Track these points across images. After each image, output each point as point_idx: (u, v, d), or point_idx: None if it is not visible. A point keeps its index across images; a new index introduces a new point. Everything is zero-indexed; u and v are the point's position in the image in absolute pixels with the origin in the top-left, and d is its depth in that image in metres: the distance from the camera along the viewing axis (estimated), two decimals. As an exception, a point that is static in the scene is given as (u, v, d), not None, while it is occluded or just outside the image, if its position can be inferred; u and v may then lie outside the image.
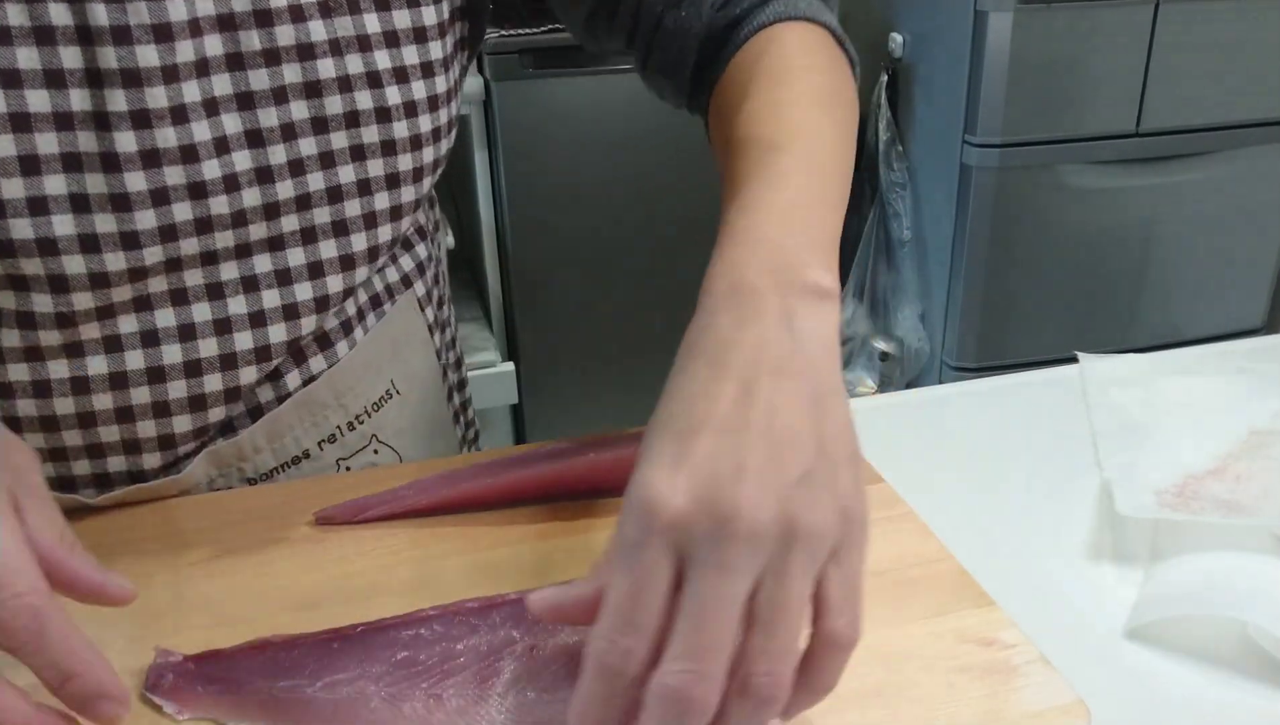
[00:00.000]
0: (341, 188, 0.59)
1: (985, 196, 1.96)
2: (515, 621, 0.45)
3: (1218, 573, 0.53)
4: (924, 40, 2.08)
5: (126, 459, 0.58)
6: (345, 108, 0.57)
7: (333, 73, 0.56)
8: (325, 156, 0.58)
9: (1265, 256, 2.17)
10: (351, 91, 0.57)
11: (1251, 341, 0.84)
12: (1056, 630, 0.50)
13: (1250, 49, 1.94)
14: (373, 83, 0.58)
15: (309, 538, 0.55)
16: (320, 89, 0.56)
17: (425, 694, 0.43)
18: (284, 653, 0.45)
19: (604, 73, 1.95)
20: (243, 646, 0.46)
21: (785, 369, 0.39)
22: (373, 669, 0.44)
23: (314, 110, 0.57)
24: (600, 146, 1.99)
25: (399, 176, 0.61)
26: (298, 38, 0.55)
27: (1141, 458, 0.64)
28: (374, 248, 0.62)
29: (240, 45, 0.54)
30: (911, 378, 2.25)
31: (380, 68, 0.58)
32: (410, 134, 0.60)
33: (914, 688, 0.43)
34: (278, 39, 0.55)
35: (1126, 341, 2.14)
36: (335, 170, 0.58)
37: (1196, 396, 0.72)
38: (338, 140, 0.58)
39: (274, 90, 0.55)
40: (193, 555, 0.53)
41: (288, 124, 0.56)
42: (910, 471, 0.60)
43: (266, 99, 0.55)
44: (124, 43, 0.50)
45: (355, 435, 0.64)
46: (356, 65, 0.57)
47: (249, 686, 0.44)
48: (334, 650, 0.45)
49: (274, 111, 0.55)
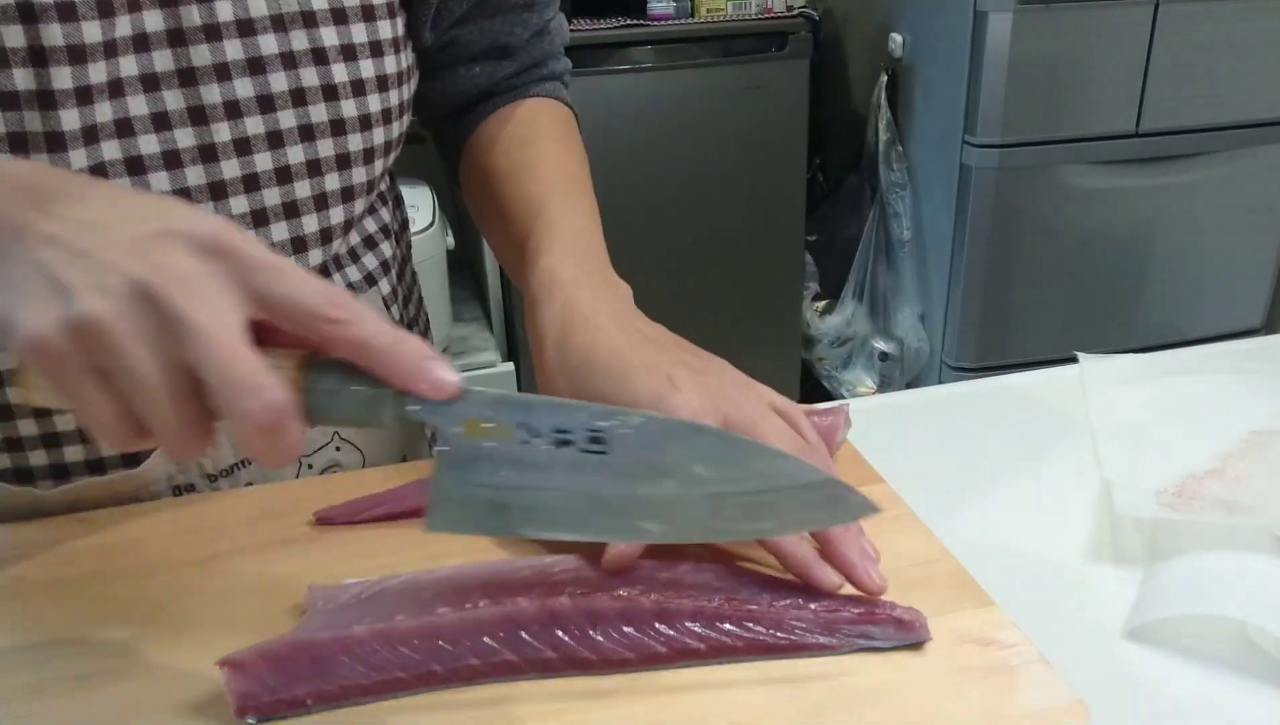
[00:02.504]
0: (290, 168, 0.59)
1: (985, 197, 1.97)
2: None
3: (1218, 573, 0.53)
4: (924, 40, 2.08)
5: (84, 448, 0.58)
6: (290, 85, 0.57)
7: (275, 49, 0.56)
8: (273, 136, 0.58)
9: (1265, 256, 2.18)
10: (296, 68, 0.57)
11: (1251, 341, 0.84)
12: (1056, 630, 0.50)
13: (1250, 49, 1.94)
14: (318, 59, 0.58)
15: (309, 538, 0.55)
16: (264, 65, 0.56)
17: None
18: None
19: (603, 73, 1.95)
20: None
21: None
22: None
23: (259, 87, 0.56)
24: (600, 147, 1.99)
25: (349, 157, 0.61)
26: (236, 13, 0.55)
27: (1141, 458, 0.64)
28: (326, 230, 0.62)
29: (181, 21, 0.54)
30: (911, 378, 2.25)
31: (326, 44, 0.58)
32: (359, 113, 0.60)
33: (914, 687, 0.43)
34: (218, 14, 0.54)
35: (1126, 341, 2.14)
36: (284, 150, 0.58)
37: (1196, 396, 0.72)
38: (285, 119, 0.58)
39: (216, 66, 0.55)
40: (193, 555, 0.53)
41: (231, 101, 0.56)
42: (910, 471, 0.60)
43: (209, 75, 0.55)
44: (69, 19, 0.50)
45: (317, 432, 0.64)
46: (301, 41, 0.57)
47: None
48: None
49: (216, 88, 0.55)
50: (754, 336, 2.23)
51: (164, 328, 0.38)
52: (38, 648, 0.47)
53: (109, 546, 0.54)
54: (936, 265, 2.13)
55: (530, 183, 0.66)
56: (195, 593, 0.50)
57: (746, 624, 0.45)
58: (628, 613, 0.45)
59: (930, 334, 2.19)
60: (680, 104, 2.01)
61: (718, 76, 2.04)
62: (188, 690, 0.44)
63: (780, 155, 2.12)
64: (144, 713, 0.43)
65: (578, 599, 0.45)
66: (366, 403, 0.41)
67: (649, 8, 1.99)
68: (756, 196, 2.12)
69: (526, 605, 0.44)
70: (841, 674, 0.44)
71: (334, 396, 0.41)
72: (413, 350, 0.40)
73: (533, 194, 0.65)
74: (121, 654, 0.46)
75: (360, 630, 0.44)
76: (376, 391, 0.41)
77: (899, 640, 0.45)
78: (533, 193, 0.65)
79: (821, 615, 0.46)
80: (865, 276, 2.27)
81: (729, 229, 2.13)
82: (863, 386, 2.31)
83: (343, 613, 0.46)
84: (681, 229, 2.10)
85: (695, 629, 0.45)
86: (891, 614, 0.46)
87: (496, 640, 0.44)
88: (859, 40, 2.34)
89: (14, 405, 0.56)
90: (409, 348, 0.40)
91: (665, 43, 1.99)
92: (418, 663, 0.43)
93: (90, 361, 0.38)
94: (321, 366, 0.41)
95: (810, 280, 2.38)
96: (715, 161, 2.07)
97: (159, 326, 0.38)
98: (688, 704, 0.43)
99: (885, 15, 2.19)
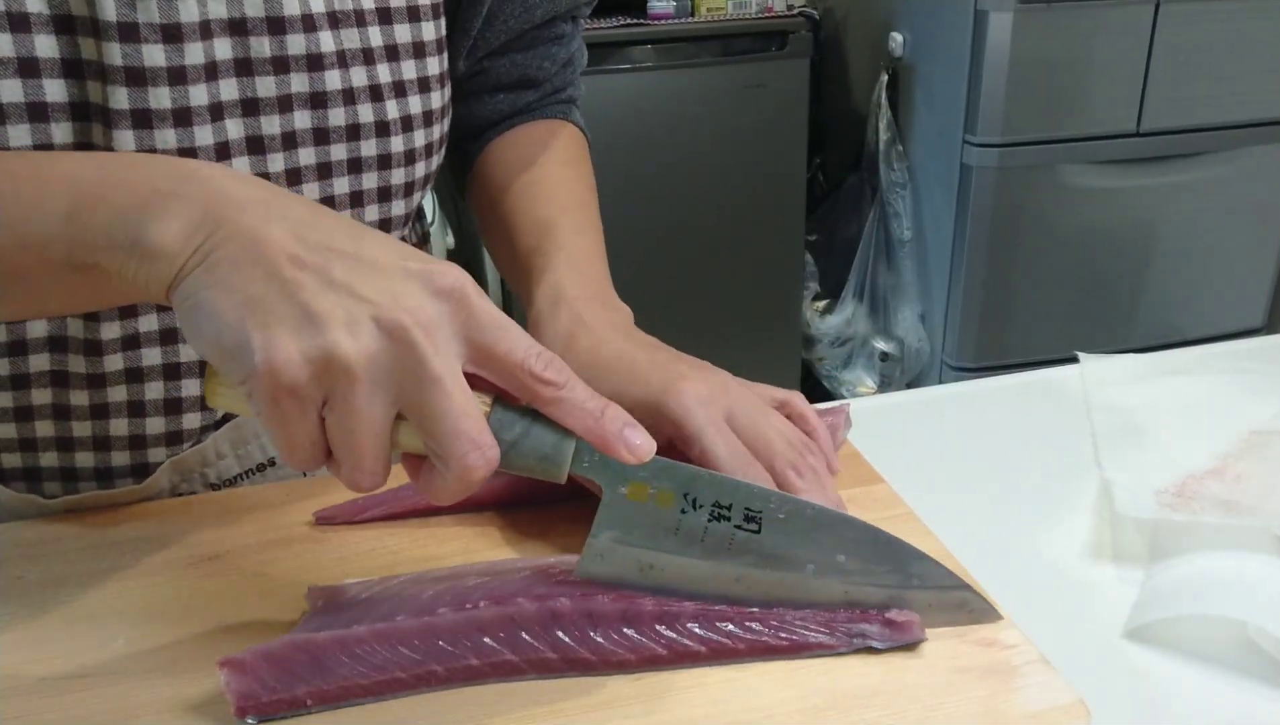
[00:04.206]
0: (335, 199, 0.59)
1: (985, 196, 1.96)
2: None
3: (1218, 573, 0.53)
4: (924, 40, 2.08)
5: (95, 455, 0.58)
6: (348, 120, 0.57)
7: (339, 85, 0.56)
8: (323, 167, 0.58)
9: (1265, 256, 2.17)
10: (355, 104, 0.57)
11: (1251, 341, 0.84)
12: (1056, 630, 0.50)
13: (1250, 49, 1.94)
14: (374, 96, 0.58)
15: (309, 538, 0.55)
16: (325, 100, 0.56)
17: None
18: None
19: (603, 73, 1.95)
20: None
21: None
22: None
23: (317, 121, 0.56)
24: (600, 146, 1.99)
25: (390, 190, 0.61)
26: (308, 47, 0.55)
27: (1141, 458, 0.64)
28: None
29: (250, 51, 0.53)
30: (911, 378, 2.25)
31: (382, 81, 0.58)
32: (405, 148, 0.61)
33: (914, 687, 0.43)
34: (288, 47, 0.54)
35: (1126, 341, 2.14)
36: (330, 181, 0.58)
37: (1196, 396, 0.72)
38: (337, 152, 0.58)
39: (280, 98, 0.55)
40: (193, 555, 0.53)
41: (289, 132, 0.56)
42: (910, 471, 0.60)
43: (271, 106, 0.55)
44: (131, 40, 0.50)
45: None
46: (361, 78, 0.57)
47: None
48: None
49: (277, 120, 0.55)
50: (754, 336, 2.23)
51: (405, 372, 0.38)
52: (38, 647, 0.47)
53: (109, 546, 0.54)
54: (936, 265, 2.13)
55: (539, 204, 0.67)
56: (195, 593, 0.50)
57: (748, 624, 0.45)
58: (628, 614, 0.45)
59: (930, 334, 2.19)
60: (680, 104, 2.01)
61: (718, 76, 2.04)
62: (188, 690, 0.44)
63: (780, 155, 2.12)
64: (144, 713, 0.43)
65: (578, 600, 0.45)
66: (549, 453, 0.43)
67: (649, 7, 1.99)
68: (756, 196, 2.12)
69: (527, 605, 0.44)
70: (842, 674, 0.44)
71: (518, 446, 0.43)
72: (617, 417, 0.43)
73: (540, 215, 0.66)
74: (121, 654, 0.46)
75: (360, 630, 0.43)
76: (560, 441, 0.43)
77: (894, 641, 0.45)
78: (541, 214, 0.66)
79: (819, 614, 0.46)
80: (865, 276, 2.27)
81: (729, 229, 2.13)
82: (863, 386, 2.31)
83: (343, 613, 0.46)
84: (681, 229, 2.10)
85: (696, 630, 0.45)
86: (884, 614, 0.46)
87: (496, 641, 0.44)
88: (859, 40, 2.34)
89: (35, 407, 0.56)
90: (613, 415, 0.42)
91: (665, 42, 1.99)
92: (417, 663, 0.43)
93: (318, 394, 0.38)
94: (507, 409, 0.43)
95: (810, 280, 2.38)
96: (715, 161, 2.07)
97: (401, 370, 0.38)
98: (688, 704, 0.43)
99: (885, 15, 2.19)
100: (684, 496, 0.45)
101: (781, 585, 0.46)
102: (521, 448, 0.42)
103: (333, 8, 0.55)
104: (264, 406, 0.38)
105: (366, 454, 0.40)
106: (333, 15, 0.55)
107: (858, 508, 0.56)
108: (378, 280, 0.39)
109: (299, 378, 0.38)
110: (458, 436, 0.39)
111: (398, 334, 0.38)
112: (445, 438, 0.39)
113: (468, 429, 0.39)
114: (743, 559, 0.46)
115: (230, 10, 0.52)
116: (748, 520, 0.45)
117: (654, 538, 0.45)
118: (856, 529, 0.47)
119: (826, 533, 0.46)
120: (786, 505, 0.46)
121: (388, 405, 0.39)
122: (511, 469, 0.43)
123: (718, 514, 0.45)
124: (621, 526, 0.45)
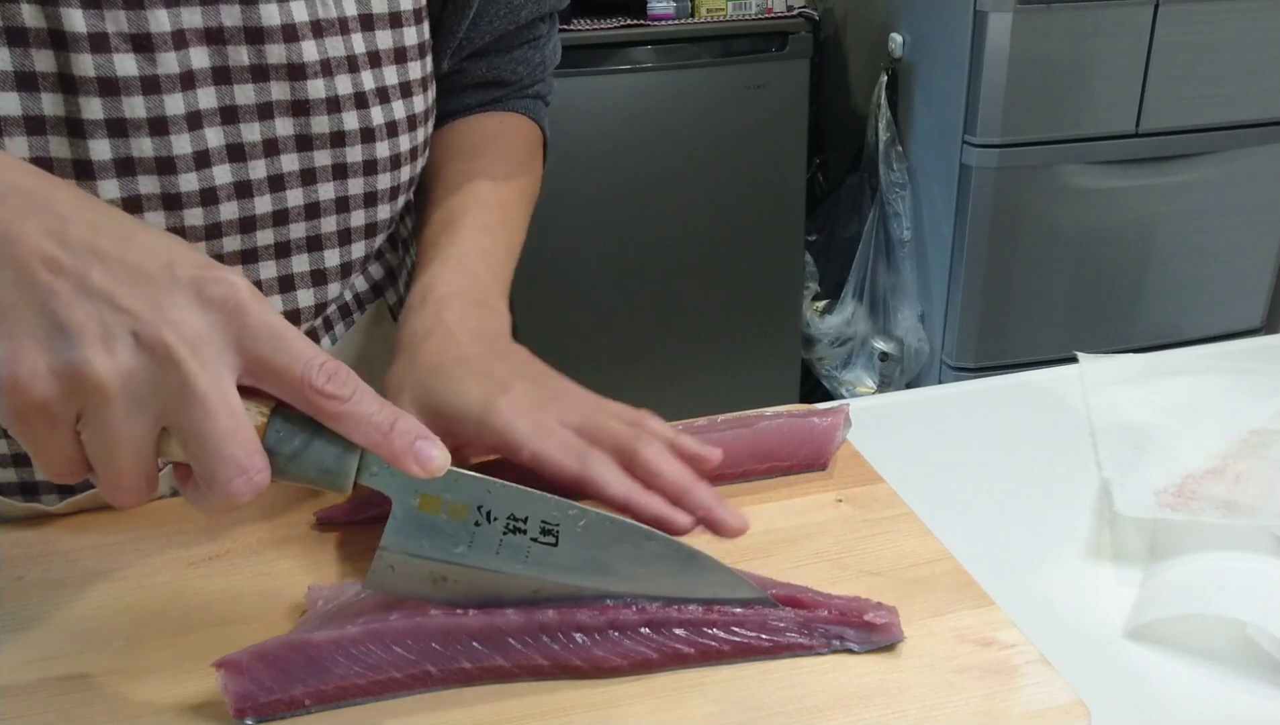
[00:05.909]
0: (320, 204, 0.58)
1: (985, 196, 1.96)
2: None
3: (1217, 573, 0.53)
4: (924, 40, 2.08)
5: None
6: (331, 127, 0.57)
7: (322, 94, 0.56)
8: (307, 173, 0.57)
9: (1265, 256, 2.17)
10: (340, 112, 0.57)
11: (1251, 341, 0.84)
12: (1056, 630, 0.50)
13: (1250, 49, 1.94)
14: (359, 103, 0.58)
15: (309, 538, 0.55)
16: (308, 108, 0.56)
17: None
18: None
19: (602, 73, 1.95)
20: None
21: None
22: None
23: (299, 128, 0.56)
24: (598, 147, 1.99)
25: (377, 195, 0.61)
26: (289, 57, 0.54)
27: (1141, 458, 0.64)
28: (347, 264, 0.62)
29: (229, 60, 0.53)
30: (911, 378, 2.25)
31: (366, 88, 0.58)
32: (391, 153, 0.60)
33: (914, 687, 0.43)
34: (267, 56, 0.54)
35: (1126, 341, 2.14)
36: (315, 187, 0.58)
37: (1196, 396, 0.72)
38: (321, 158, 0.57)
39: (259, 106, 0.54)
40: (193, 555, 0.53)
41: (271, 140, 0.55)
42: (910, 471, 0.60)
43: (251, 114, 0.54)
44: (102, 50, 0.49)
45: None
46: (345, 86, 0.57)
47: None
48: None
49: (257, 126, 0.55)
50: (754, 336, 2.23)
51: (167, 391, 0.36)
52: (38, 647, 0.47)
53: (109, 546, 0.54)
54: (936, 265, 2.13)
55: (455, 196, 0.66)
56: (195, 593, 0.50)
57: (733, 629, 0.45)
58: (614, 623, 0.45)
59: (930, 334, 2.19)
60: (680, 104, 2.01)
61: (718, 76, 2.04)
62: (187, 690, 0.44)
63: (780, 155, 2.12)
64: (144, 713, 0.43)
65: (563, 612, 0.45)
66: (331, 466, 0.41)
67: (649, 8, 1.99)
68: (756, 196, 2.12)
69: (514, 617, 0.44)
70: (842, 674, 0.44)
71: (297, 459, 0.40)
72: (408, 430, 0.40)
73: (452, 208, 0.65)
74: (121, 654, 0.46)
75: (354, 630, 0.44)
76: (343, 453, 0.41)
77: (873, 643, 0.45)
78: (453, 207, 0.65)
79: (799, 616, 0.46)
80: (865, 276, 2.27)
81: (729, 229, 2.13)
82: (863, 386, 2.31)
83: (342, 613, 0.46)
84: (681, 229, 2.10)
85: (682, 634, 0.45)
86: (861, 617, 0.46)
87: (486, 647, 0.44)
88: (859, 40, 2.34)
89: None
90: (403, 428, 0.40)
91: (665, 43, 1.99)
92: (412, 663, 0.43)
93: (69, 411, 0.36)
94: (286, 420, 0.40)
95: (810, 280, 2.38)
96: (715, 161, 2.07)
97: (161, 389, 0.36)
98: (687, 705, 0.43)
99: (885, 15, 2.19)
100: (478, 508, 0.43)
101: (580, 599, 0.45)
102: (301, 461, 0.40)
103: (316, 16, 0.55)
104: (11, 422, 0.36)
105: (126, 473, 0.37)
106: (316, 24, 0.55)
107: (858, 507, 0.56)
108: (141, 288, 0.36)
109: (47, 394, 0.35)
110: (221, 460, 0.37)
111: (159, 351, 0.36)
112: (208, 460, 0.37)
113: (233, 453, 0.37)
114: (539, 571, 0.45)
115: (206, 20, 0.51)
116: (544, 533, 0.44)
117: (446, 550, 0.44)
118: (659, 543, 0.46)
119: (628, 546, 0.45)
120: (585, 518, 0.45)
121: (148, 423, 0.37)
122: (290, 481, 0.41)
123: (513, 527, 0.44)
124: (413, 538, 0.43)
